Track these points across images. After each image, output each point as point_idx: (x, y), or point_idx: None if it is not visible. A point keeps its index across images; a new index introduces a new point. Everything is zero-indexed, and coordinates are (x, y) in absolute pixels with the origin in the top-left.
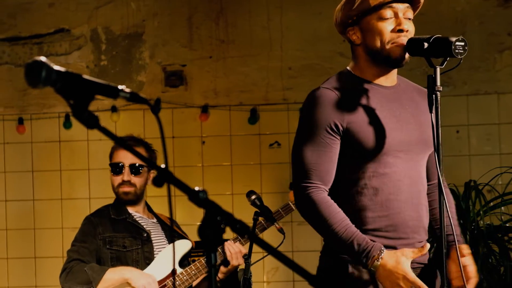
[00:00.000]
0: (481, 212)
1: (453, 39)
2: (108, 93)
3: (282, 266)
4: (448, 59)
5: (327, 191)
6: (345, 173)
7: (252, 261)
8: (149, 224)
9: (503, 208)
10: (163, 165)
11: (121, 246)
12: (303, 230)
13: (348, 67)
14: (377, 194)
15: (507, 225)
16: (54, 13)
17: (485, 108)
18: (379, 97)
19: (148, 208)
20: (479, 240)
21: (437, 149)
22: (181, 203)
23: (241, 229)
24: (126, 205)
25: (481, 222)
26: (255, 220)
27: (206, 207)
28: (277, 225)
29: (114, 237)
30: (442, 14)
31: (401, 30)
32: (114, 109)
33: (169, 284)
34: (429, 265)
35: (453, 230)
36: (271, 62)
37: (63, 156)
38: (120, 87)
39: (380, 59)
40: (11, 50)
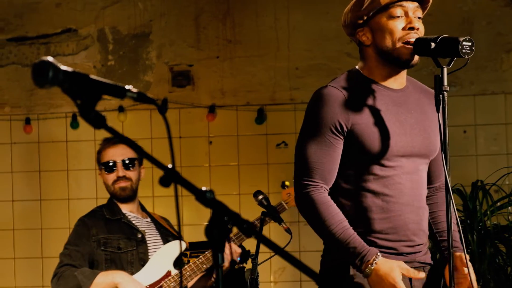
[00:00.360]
0: (488, 212)
1: (460, 39)
2: (115, 93)
3: (289, 266)
4: (455, 59)
5: (328, 190)
6: (347, 174)
7: (259, 261)
8: (143, 224)
9: (510, 208)
10: (170, 165)
11: (116, 247)
12: (310, 230)
13: (357, 67)
14: (378, 196)
15: None
16: (61, 13)
17: (492, 108)
18: (386, 100)
19: (141, 207)
20: (486, 240)
21: (444, 150)
22: (188, 203)
23: (248, 229)
24: (122, 202)
25: (488, 222)
26: (262, 220)
27: (213, 207)
28: (284, 225)
29: (108, 239)
30: (449, 14)
31: (412, 28)
32: (121, 109)
33: (164, 286)
34: (434, 266)
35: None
36: (278, 62)
37: (70, 156)
38: (127, 87)
39: (390, 60)
40: (18, 50)
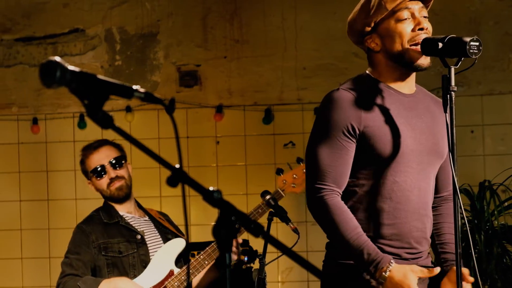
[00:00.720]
0: (495, 212)
1: (468, 39)
2: (122, 93)
3: (297, 266)
4: (462, 59)
5: (340, 194)
6: (354, 177)
7: (267, 261)
8: (142, 224)
9: None
10: (177, 165)
11: (117, 251)
12: (318, 230)
13: (367, 71)
14: (385, 202)
15: None
16: (69, 13)
17: (499, 108)
18: (396, 104)
19: (138, 205)
20: (494, 240)
21: (452, 150)
22: (196, 203)
23: (255, 229)
24: (120, 203)
25: (496, 222)
26: (270, 220)
27: (220, 207)
28: (291, 225)
29: (108, 243)
30: (457, 14)
31: (421, 29)
32: (128, 109)
33: (168, 286)
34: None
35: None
36: (285, 62)
37: (77, 156)
38: (134, 87)
39: (401, 63)
40: (25, 50)
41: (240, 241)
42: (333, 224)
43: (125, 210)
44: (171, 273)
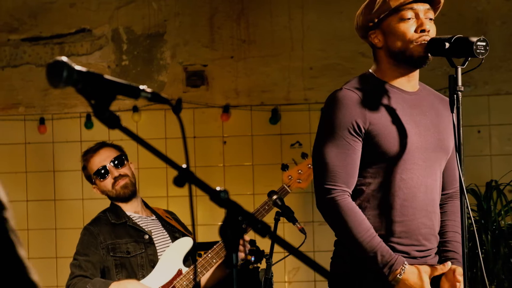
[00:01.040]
0: (502, 212)
1: (475, 39)
2: (129, 93)
3: (304, 266)
4: (469, 59)
5: (350, 194)
6: (361, 176)
7: (274, 261)
8: (149, 224)
9: None
10: (184, 165)
11: (125, 252)
12: (324, 230)
13: (370, 70)
14: (392, 199)
15: None
16: (75, 13)
17: (506, 108)
18: (400, 101)
19: (145, 204)
20: (500, 240)
21: (459, 150)
22: (202, 203)
23: (262, 229)
24: (126, 202)
25: (502, 222)
26: (277, 221)
27: (227, 207)
28: (298, 225)
29: (116, 244)
30: (463, 14)
31: (423, 30)
32: (135, 109)
33: (177, 286)
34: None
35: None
36: (292, 62)
37: None
38: (141, 87)
39: (403, 60)
40: (32, 50)
41: (247, 239)
42: (345, 225)
43: (132, 210)
44: (179, 272)
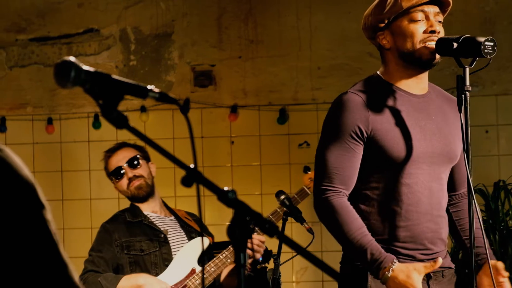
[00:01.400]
0: (510, 212)
1: (482, 39)
2: (137, 93)
3: (311, 266)
4: (477, 59)
5: (347, 195)
6: (365, 181)
7: (281, 261)
8: (166, 223)
9: None
10: (192, 165)
11: (139, 250)
12: None
13: (378, 72)
14: (397, 204)
15: None
16: (83, 13)
17: None
18: (406, 105)
19: (165, 205)
20: (508, 240)
21: (467, 150)
22: (210, 203)
23: (270, 229)
24: (142, 202)
25: (510, 222)
26: (284, 221)
27: (235, 207)
28: (306, 225)
29: (131, 242)
30: (471, 14)
31: (433, 31)
32: (143, 109)
33: (189, 284)
34: (458, 269)
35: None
36: (300, 62)
37: (92, 156)
38: (149, 87)
39: (411, 61)
40: (40, 50)
41: (262, 239)
42: (337, 224)
43: (150, 210)
44: (193, 271)
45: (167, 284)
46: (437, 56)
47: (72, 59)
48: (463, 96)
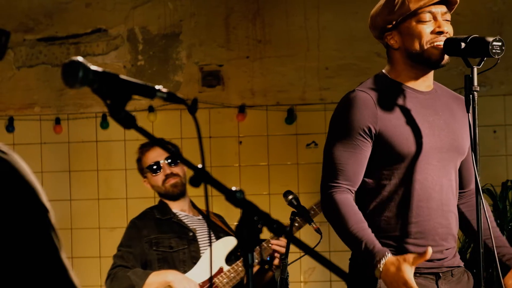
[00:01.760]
0: None
1: (490, 39)
2: (145, 93)
3: (319, 266)
4: (485, 59)
5: (352, 192)
6: (375, 178)
7: (289, 261)
8: (194, 222)
9: None
10: (200, 165)
11: (168, 247)
12: None
13: (384, 70)
14: (407, 200)
15: None
16: (91, 13)
17: None
18: (413, 102)
19: (193, 205)
20: None
21: (474, 150)
22: (218, 203)
23: (278, 229)
24: (174, 200)
25: None
26: (292, 220)
27: (243, 207)
28: (314, 225)
29: (160, 238)
30: (479, 14)
31: (440, 32)
32: (151, 109)
33: (217, 283)
34: (468, 268)
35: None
36: (308, 62)
37: (100, 156)
38: (157, 87)
39: (420, 61)
40: (48, 50)
41: (282, 244)
42: (338, 218)
43: (179, 208)
44: (220, 270)
45: (195, 282)
46: (446, 57)
47: (80, 59)
48: (471, 96)
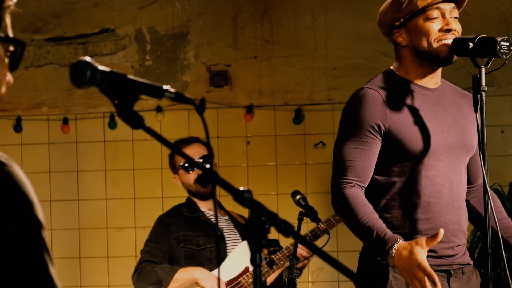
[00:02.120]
0: None
1: (498, 39)
2: (153, 93)
3: (327, 266)
4: (493, 59)
5: (362, 188)
6: (385, 175)
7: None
8: (221, 222)
9: None
10: (208, 165)
11: (195, 244)
12: (348, 230)
13: (392, 67)
14: (418, 197)
15: None
16: (99, 13)
17: None
18: (422, 99)
19: (220, 205)
20: None
21: (482, 150)
22: (226, 203)
23: (286, 229)
24: (204, 199)
25: None
26: (300, 220)
27: (251, 207)
28: (322, 225)
29: (188, 236)
30: (487, 14)
31: (449, 30)
32: (159, 109)
33: (243, 282)
34: (476, 266)
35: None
36: (315, 62)
37: (107, 156)
38: (165, 87)
39: (428, 59)
40: (56, 50)
41: (305, 254)
42: (348, 210)
43: (206, 207)
44: (246, 270)
45: (222, 280)
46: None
47: (87, 59)
48: (478, 96)
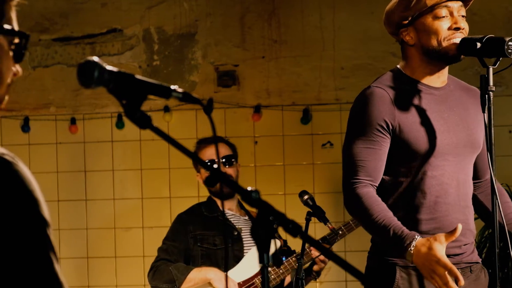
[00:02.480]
0: None
1: (506, 39)
2: (160, 93)
3: (335, 266)
4: (500, 59)
5: (374, 186)
6: (392, 175)
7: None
8: (240, 222)
9: None
10: (215, 165)
11: (212, 244)
12: (356, 230)
13: (399, 66)
14: (425, 196)
15: None
16: (107, 13)
17: None
18: (428, 98)
19: (240, 205)
20: None
21: (490, 149)
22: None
23: (293, 229)
24: (224, 199)
25: None
26: (308, 220)
27: (258, 207)
28: (329, 225)
29: (205, 235)
30: (495, 14)
31: (457, 28)
32: (166, 109)
33: (257, 283)
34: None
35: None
36: (323, 62)
37: (115, 156)
38: (172, 87)
39: (437, 57)
40: (63, 50)
41: (322, 258)
42: (362, 209)
43: (226, 207)
44: None
45: (235, 281)
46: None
47: (95, 59)
48: (486, 96)
